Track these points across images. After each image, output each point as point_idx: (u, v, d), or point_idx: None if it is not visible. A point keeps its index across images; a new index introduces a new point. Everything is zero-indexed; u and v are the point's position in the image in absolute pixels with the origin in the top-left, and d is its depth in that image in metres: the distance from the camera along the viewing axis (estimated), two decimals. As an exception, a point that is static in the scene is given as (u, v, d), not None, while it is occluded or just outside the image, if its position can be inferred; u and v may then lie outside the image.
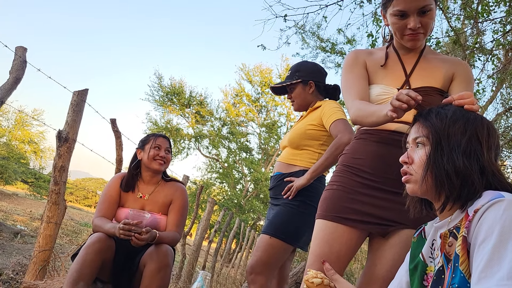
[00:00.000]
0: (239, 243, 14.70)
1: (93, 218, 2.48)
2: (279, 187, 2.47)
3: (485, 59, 6.75)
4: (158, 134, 2.69)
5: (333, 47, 11.79)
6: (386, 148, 1.64)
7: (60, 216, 2.92)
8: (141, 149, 2.62)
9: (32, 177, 26.20)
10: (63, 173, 2.90)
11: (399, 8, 1.59)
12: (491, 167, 1.08)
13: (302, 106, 2.62)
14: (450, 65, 1.70)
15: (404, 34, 1.65)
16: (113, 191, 2.55)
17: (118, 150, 3.51)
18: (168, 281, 2.26)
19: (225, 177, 26.30)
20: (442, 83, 1.67)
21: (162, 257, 2.23)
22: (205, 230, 6.44)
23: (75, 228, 10.19)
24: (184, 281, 5.74)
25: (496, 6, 5.97)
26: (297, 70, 2.59)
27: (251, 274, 2.31)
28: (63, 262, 3.33)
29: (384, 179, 1.60)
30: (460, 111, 1.14)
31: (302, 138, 2.46)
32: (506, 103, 8.72)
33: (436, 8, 1.66)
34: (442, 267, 1.07)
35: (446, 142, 1.10)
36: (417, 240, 1.27)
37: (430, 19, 1.61)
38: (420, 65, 1.71)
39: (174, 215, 2.54)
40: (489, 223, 0.93)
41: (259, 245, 2.35)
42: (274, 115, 27.39)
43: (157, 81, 25.10)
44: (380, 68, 1.75)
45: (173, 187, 2.64)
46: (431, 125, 1.14)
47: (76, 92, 3.00)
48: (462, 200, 1.06)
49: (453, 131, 1.10)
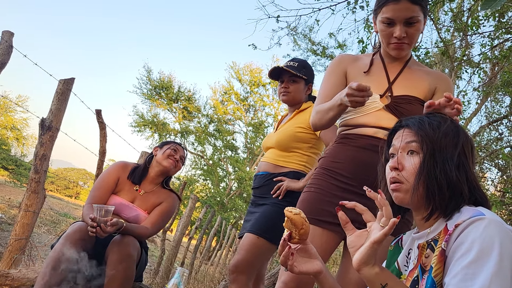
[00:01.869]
0: (219, 241, 14.68)
1: (84, 203, 2.48)
2: (267, 186, 2.45)
3: (472, 71, 6.85)
4: (179, 143, 2.78)
5: (324, 50, 11.86)
6: (364, 153, 1.67)
7: (39, 205, 2.88)
8: (159, 147, 2.72)
9: (13, 164, 25.77)
10: (44, 161, 2.86)
11: (387, 16, 1.63)
12: (475, 181, 1.10)
13: (293, 101, 2.58)
14: (434, 79, 1.74)
15: (389, 42, 1.69)
16: (111, 179, 2.55)
17: (102, 141, 3.47)
18: (133, 272, 2.24)
19: (209, 174, 26.23)
20: (424, 94, 1.71)
21: (124, 248, 2.21)
22: (186, 227, 6.41)
23: (54, 218, 10.05)
24: (162, 276, 5.71)
25: (485, 21, 6.07)
26: (304, 67, 2.57)
27: (234, 273, 2.29)
28: (39, 252, 3.28)
29: (361, 184, 1.60)
30: (451, 124, 1.16)
31: (291, 140, 2.44)
32: (490, 116, 8.86)
33: (427, 19, 1.70)
34: (417, 278, 1.08)
35: (439, 154, 1.10)
36: (393, 248, 1.28)
37: (416, 30, 1.65)
38: (403, 74, 1.75)
39: (154, 214, 2.55)
40: (469, 240, 0.94)
41: (244, 244, 2.32)
42: (262, 115, 27.42)
43: (145, 74, 24.92)
44: (363, 74, 1.78)
45: (167, 193, 2.67)
46: (425, 135, 1.13)
47: (62, 81, 2.96)
48: (447, 212, 1.07)
49: (445, 142, 1.11)
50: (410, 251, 1.19)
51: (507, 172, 6.81)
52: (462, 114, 1.24)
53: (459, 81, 7.65)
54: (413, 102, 1.68)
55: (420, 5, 1.62)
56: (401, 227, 1.32)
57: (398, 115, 1.65)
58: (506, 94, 7.99)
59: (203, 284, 6.79)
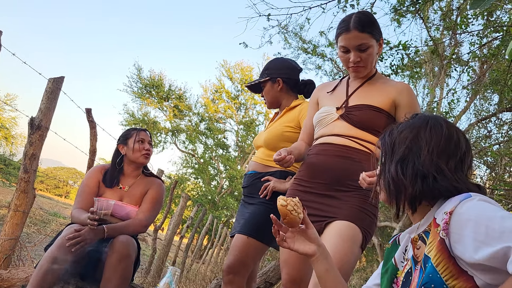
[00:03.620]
0: (211, 240, 14.67)
1: (72, 210, 2.48)
2: (255, 186, 2.44)
3: (461, 70, 6.92)
4: (139, 128, 2.71)
5: (314, 49, 11.90)
6: (317, 158, 1.93)
7: (29, 204, 2.86)
8: (123, 144, 2.64)
9: (2, 163, 25.49)
10: (33, 161, 2.83)
11: (342, 44, 1.89)
12: (433, 168, 1.09)
13: (272, 103, 2.60)
14: (392, 91, 1.91)
15: (348, 66, 1.94)
16: (92, 183, 2.55)
17: (92, 140, 3.45)
18: (130, 272, 2.25)
19: (200, 172, 26.17)
20: (379, 102, 1.89)
21: (122, 248, 2.20)
22: (177, 225, 6.40)
23: (44, 218, 9.96)
24: (153, 275, 5.70)
25: (474, 19, 6.12)
26: (267, 68, 2.59)
27: (229, 274, 2.28)
28: (29, 252, 3.25)
29: (316, 184, 1.89)
30: (419, 119, 1.19)
31: (279, 140, 2.43)
32: (479, 114, 8.96)
33: (383, 40, 1.97)
34: (410, 269, 1.10)
35: (389, 155, 1.19)
36: (391, 246, 1.30)
37: (369, 54, 1.88)
38: (362, 88, 1.97)
39: (144, 203, 2.55)
40: (465, 215, 0.96)
41: (236, 245, 2.31)
42: (253, 113, 27.40)
43: (136, 72, 24.77)
44: (327, 95, 2.06)
45: (151, 182, 2.66)
46: (381, 144, 1.25)
47: (51, 79, 2.93)
48: (412, 205, 1.13)
49: (398, 141, 1.18)
50: (407, 247, 1.21)
51: (496, 169, 6.89)
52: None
53: (448, 79, 7.72)
54: (363, 109, 1.88)
55: (369, 33, 1.85)
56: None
57: (350, 122, 1.88)
58: (494, 92, 8.08)
59: (195, 283, 6.79)
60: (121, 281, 2.17)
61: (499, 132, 7.99)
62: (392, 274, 1.21)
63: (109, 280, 2.14)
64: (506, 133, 7.54)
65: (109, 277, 2.14)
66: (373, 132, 1.86)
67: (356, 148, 1.85)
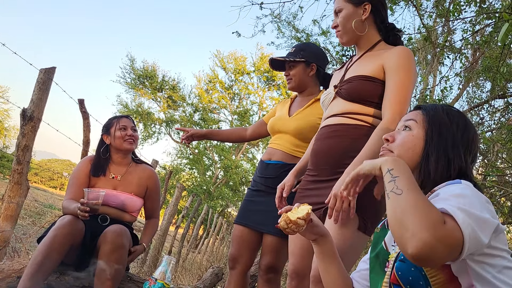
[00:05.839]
0: (206, 230, 14.73)
1: (62, 201, 2.47)
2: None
3: (454, 57, 6.92)
4: (120, 115, 2.70)
5: (308, 37, 11.84)
6: (315, 144, 1.89)
7: (22, 196, 2.85)
8: (106, 134, 2.63)
9: (-5, 156, 25.36)
10: (26, 152, 2.82)
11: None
12: (467, 169, 1.18)
13: (298, 86, 2.49)
14: (384, 56, 1.77)
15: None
16: (82, 174, 2.54)
17: (86, 131, 3.44)
18: (124, 262, 2.24)
19: (195, 163, 26.17)
20: (369, 71, 1.76)
21: (116, 238, 2.20)
22: (173, 215, 6.41)
23: (39, 210, 9.95)
24: (149, 265, 5.72)
25: (467, 6, 6.11)
26: (302, 49, 2.48)
27: (270, 273, 2.31)
28: (24, 243, 3.26)
29: (321, 171, 1.82)
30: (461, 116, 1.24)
31: (311, 131, 2.29)
32: (472, 101, 8.98)
33: (363, 6, 1.82)
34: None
35: (438, 131, 1.19)
36: (380, 230, 1.31)
37: (342, 17, 1.83)
38: (359, 60, 1.87)
39: (148, 201, 2.70)
40: (445, 190, 1.03)
41: (272, 246, 2.31)
42: (247, 103, 27.36)
43: (129, 63, 24.62)
44: (336, 73, 2.02)
45: (145, 171, 2.68)
46: (426, 113, 1.24)
47: (43, 70, 2.91)
48: (433, 184, 1.15)
49: (444, 122, 1.20)
50: None
51: (488, 156, 6.94)
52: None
53: (441, 67, 7.74)
54: (353, 80, 1.78)
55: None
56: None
57: (344, 96, 1.81)
58: (487, 79, 8.10)
59: (190, 272, 6.83)
60: (115, 271, 2.15)
61: (492, 119, 8.02)
62: (383, 259, 1.21)
63: (103, 270, 2.13)
64: (499, 120, 7.57)
65: (103, 267, 2.13)
66: (367, 103, 1.74)
67: (352, 124, 1.75)
